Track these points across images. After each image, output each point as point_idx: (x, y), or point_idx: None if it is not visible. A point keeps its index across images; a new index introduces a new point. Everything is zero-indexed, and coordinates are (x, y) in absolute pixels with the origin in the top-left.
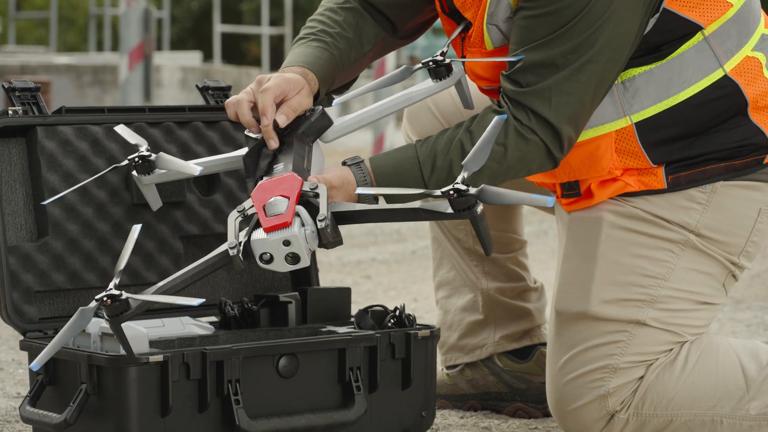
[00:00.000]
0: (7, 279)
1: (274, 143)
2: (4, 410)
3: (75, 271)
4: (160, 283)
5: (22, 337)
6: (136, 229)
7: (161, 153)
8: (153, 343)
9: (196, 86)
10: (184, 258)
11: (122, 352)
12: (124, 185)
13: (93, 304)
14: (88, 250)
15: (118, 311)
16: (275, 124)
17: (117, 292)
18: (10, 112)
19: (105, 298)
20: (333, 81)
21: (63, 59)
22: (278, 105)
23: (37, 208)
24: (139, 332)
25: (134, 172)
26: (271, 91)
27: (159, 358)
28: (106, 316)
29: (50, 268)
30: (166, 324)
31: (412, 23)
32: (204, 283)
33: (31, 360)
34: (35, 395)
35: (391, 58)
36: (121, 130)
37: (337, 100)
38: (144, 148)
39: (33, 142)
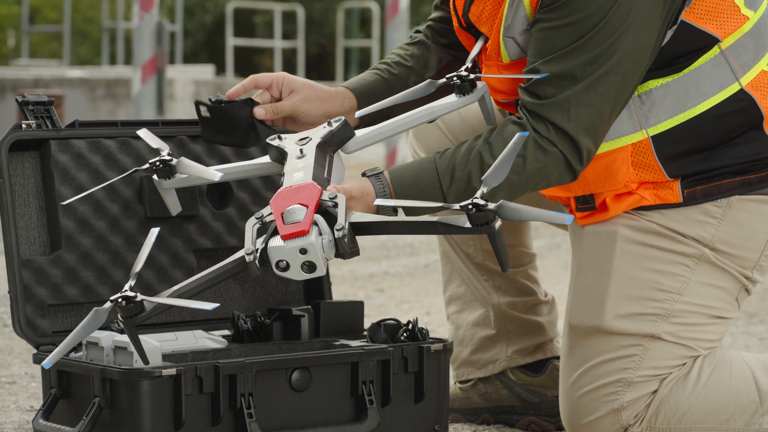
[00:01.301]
0: (20, 292)
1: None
2: (17, 423)
3: (88, 285)
4: (175, 287)
5: (35, 351)
6: (154, 232)
7: (182, 158)
8: (166, 357)
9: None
10: (197, 271)
11: (135, 365)
12: (137, 198)
13: (108, 304)
14: (101, 264)
15: (132, 313)
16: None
17: (132, 294)
18: (23, 125)
19: (120, 300)
20: (381, 97)
21: (76, 73)
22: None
23: (51, 222)
24: (152, 345)
25: (155, 176)
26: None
27: (172, 371)
28: (120, 318)
29: (63, 282)
30: (179, 337)
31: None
32: (217, 296)
33: (44, 373)
34: (48, 408)
35: None
36: (144, 134)
37: (359, 113)
38: (165, 153)
39: (46, 155)
